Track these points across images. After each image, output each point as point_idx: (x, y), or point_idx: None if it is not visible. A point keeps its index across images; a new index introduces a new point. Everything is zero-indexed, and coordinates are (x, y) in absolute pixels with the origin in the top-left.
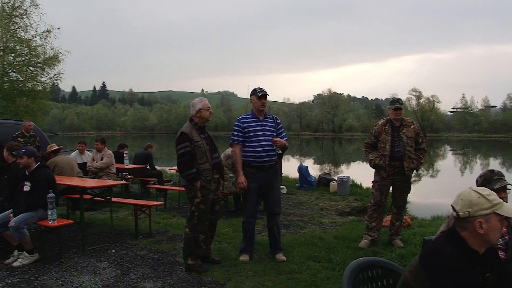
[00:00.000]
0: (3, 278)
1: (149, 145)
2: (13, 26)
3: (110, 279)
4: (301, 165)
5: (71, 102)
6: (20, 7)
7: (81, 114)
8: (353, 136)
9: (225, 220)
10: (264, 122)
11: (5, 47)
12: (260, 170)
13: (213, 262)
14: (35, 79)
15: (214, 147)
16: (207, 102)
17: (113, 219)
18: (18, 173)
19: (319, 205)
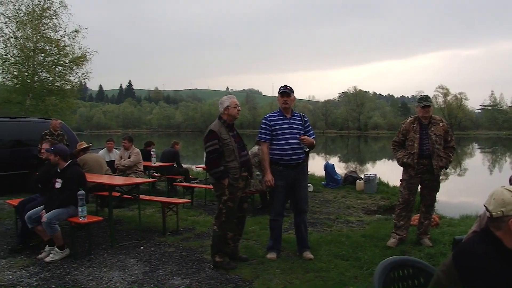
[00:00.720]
0: (37, 272)
1: (176, 142)
2: (43, 27)
3: (139, 276)
4: (328, 163)
5: (98, 100)
6: (49, 8)
7: (108, 113)
8: (378, 134)
9: (252, 218)
10: (291, 120)
11: (36, 47)
12: (287, 168)
13: (240, 260)
14: (64, 78)
15: (243, 145)
16: (235, 100)
17: (141, 216)
18: (51, 169)
19: (345, 203)
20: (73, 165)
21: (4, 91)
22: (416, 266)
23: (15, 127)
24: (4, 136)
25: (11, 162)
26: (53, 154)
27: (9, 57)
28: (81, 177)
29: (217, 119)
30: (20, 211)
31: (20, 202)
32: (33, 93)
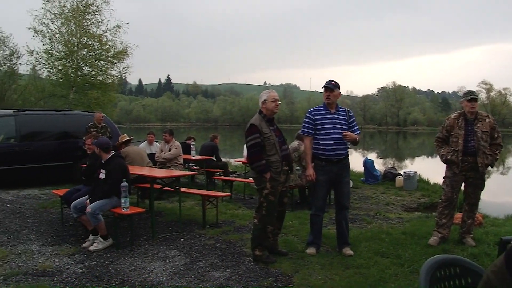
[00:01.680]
0: (81, 260)
1: (215, 136)
2: (86, 23)
3: (179, 267)
4: (367, 159)
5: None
6: (92, 4)
7: (147, 106)
8: (418, 130)
9: (291, 213)
10: (335, 115)
11: (79, 42)
12: (329, 163)
13: (280, 254)
14: (106, 72)
15: (283, 139)
16: (274, 94)
17: (181, 208)
18: (96, 161)
19: (384, 199)
20: (116, 157)
21: (50, 85)
22: (464, 266)
23: (60, 120)
24: (50, 128)
25: (57, 153)
26: (95, 146)
27: (54, 52)
28: (124, 168)
29: (257, 113)
30: (66, 201)
31: (65, 193)
32: (76, 87)
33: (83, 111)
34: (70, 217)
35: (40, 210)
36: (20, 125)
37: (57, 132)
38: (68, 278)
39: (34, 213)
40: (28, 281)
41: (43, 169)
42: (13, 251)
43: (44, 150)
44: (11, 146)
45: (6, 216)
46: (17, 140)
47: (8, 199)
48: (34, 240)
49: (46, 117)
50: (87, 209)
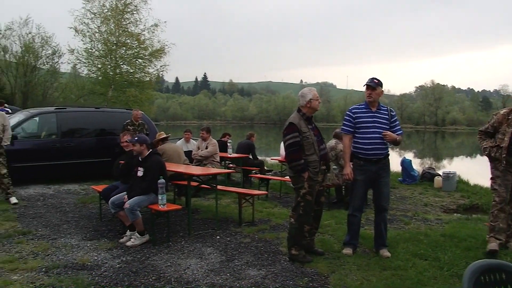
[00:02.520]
0: (119, 255)
1: (252, 134)
2: (125, 22)
3: (215, 264)
4: (405, 159)
5: (174, 92)
6: (131, 3)
7: (184, 104)
8: (457, 129)
9: (327, 212)
10: (376, 114)
11: (118, 41)
12: (367, 162)
13: (316, 254)
14: (143, 70)
15: (321, 138)
16: (316, 93)
17: (217, 206)
18: (133, 158)
19: (423, 200)
20: (154, 154)
21: (89, 83)
22: (510, 272)
23: (99, 117)
24: (90, 125)
25: (96, 150)
26: (139, 143)
27: (94, 51)
28: (161, 166)
29: (296, 112)
30: (104, 197)
31: (104, 189)
32: (115, 85)
33: (122, 109)
34: (108, 213)
35: (80, 205)
36: (61, 122)
37: (96, 129)
38: (106, 272)
39: (74, 208)
40: (68, 274)
41: (82, 165)
42: (54, 244)
43: (83, 146)
44: (53, 142)
45: (47, 210)
46: (58, 136)
47: (50, 194)
48: (74, 234)
49: (86, 114)
50: (125, 205)
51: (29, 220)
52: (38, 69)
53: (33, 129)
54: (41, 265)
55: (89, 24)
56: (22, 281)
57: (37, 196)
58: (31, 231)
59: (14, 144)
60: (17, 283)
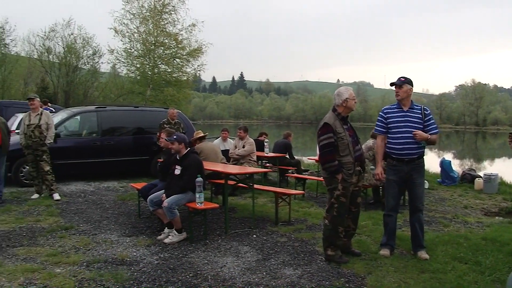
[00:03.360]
0: (157, 252)
1: (289, 134)
2: (163, 22)
3: (252, 263)
4: (444, 160)
5: (211, 91)
6: (169, 4)
7: (220, 103)
8: (499, 130)
9: (364, 212)
10: (408, 113)
11: (156, 41)
12: (400, 162)
13: (353, 254)
14: (181, 70)
15: (356, 139)
16: (353, 92)
17: (254, 205)
18: (171, 157)
19: (462, 202)
20: (191, 153)
21: (128, 82)
22: None
23: (138, 116)
24: (129, 124)
25: (135, 148)
26: (177, 142)
27: (133, 51)
28: (199, 164)
29: (331, 111)
30: (143, 195)
31: (143, 187)
32: (153, 84)
33: (160, 107)
34: (147, 210)
35: (119, 202)
36: (101, 121)
37: (135, 128)
38: (145, 268)
39: (113, 204)
40: (108, 268)
41: (121, 163)
42: (94, 240)
43: (122, 144)
44: (93, 140)
45: (88, 207)
46: (99, 134)
47: (90, 191)
48: (113, 230)
49: (125, 113)
50: (163, 203)
51: (71, 215)
52: (79, 69)
53: (75, 128)
54: (82, 259)
55: (128, 25)
56: (65, 274)
57: (78, 193)
58: (73, 226)
59: (57, 142)
60: (60, 276)
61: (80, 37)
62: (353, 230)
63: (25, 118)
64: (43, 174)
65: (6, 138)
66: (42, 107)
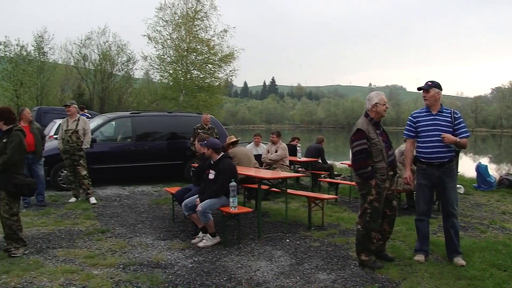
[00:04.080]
0: (191, 255)
1: (322, 139)
2: (195, 28)
3: (285, 267)
4: (480, 164)
5: (243, 96)
6: (201, 10)
7: (252, 108)
8: None
9: (398, 218)
10: (437, 117)
11: (189, 47)
12: (430, 166)
13: (386, 259)
14: (213, 75)
15: (389, 143)
16: (384, 97)
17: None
18: (205, 161)
19: (500, 208)
20: (225, 158)
21: (161, 88)
22: None
23: (171, 121)
24: (162, 129)
25: (168, 153)
26: (206, 147)
27: (166, 57)
28: (233, 169)
29: (363, 116)
30: (177, 199)
31: (177, 191)
32: (185, 90)
33: (193, 113)
34: (181, 214)
35: (153, 206)
36: (136, 126)
37: (169, 133)
38: (179, 271)
39: (148, 208)
40: (143, 271)
41: (155, 168)
42: (130, 243)
43: (157, 149)
44: (128, 145)
45: (123, 210)
46: (133, 140)
47: (125, 195)
48: (148, 233)
49: (159, 119)
50: (197, 208)
51: (107, 219)
52: (114, 75)
53: (110, 133)
54: (119, 261)
55: (161, 32)
56: (102, 276)
57: (114, 197)
58: (109, 229)
59: (93, 147)
60: (98, 278)
61: (115, 45)
62: (389, 233)
63: (63, 123)
64: (80, 178)
65: (40, 144)
66: (79, 113)
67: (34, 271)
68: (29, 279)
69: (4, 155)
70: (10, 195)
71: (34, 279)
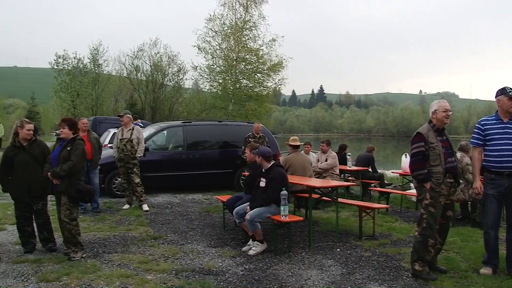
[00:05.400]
0: (242, 263)
1: (372, 147)
2: (244, 38)
3: (336, 277)
4: None
5: (291, 105)
6: (250, 20)
7: (300, 117)
8: None
9: (452, 228)
10: (508, 125)
11: (238, 57)
12: (499, 176)
13: (438, 271)
14: (262, 84)
15: (451, 151)
16: (445, 104)
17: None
18: (256, 170)
19: None
20: (276, 166)
21: (211, 98)
22: None
23: (222, 130)
24: (213, 138)
25: (219, 161)
26: (257, 155)
27: (215, 67)
28: (283, 178)
29: (427, 123)
30: (228, 207)
31: (228, 199)
32: (234, 99)
33: (242, 122)
34: (231, 222)
35: (204, 214)
36: (187, 135)
37: (219, 142)
38: (230, 278)
39: (199, 216)
40: (195, 277)
41: (206, 176)
42: (182, 249)
43: (207, 158)
44: (179, 154)
45: (175, 218)
46: (184, 148)
47: (176, 202)
48: (199, 241)
49: (209, 127)
50: (246, 216)
51: (159, 226)
52: (165, 85)
53: (162, 142)
54: (171, 267)
55: (210, 42)
56: (156, 281)
57: (165, 204)
58: (161, 236)
59: (146, 155)
60: (152, 282)
61: (166, 55)
62: (440, 244)
63: (118, 133)
64: (133, 186)
65: (97, 153)
66: (133, 122)
67: (91, 274)
68: (87, 281)
69: (69, 161)
70: (71, 201)
71: (92, 281)
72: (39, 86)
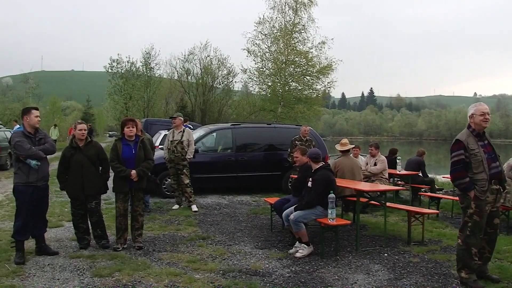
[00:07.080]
0: (288, 265)
1: (422, 151)
2: (293, 41)
3: (383, 282)
4: None
5: (341, 108)
6: (299, 23)
7: (350, 120)
8: None
9: (506, 237)
10: None
11: (287, 60)
12: None
13: (490, 280)
14: (311, 87)
15: (494, 155)
16: (483, 107)
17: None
18: (305, 173)
19: None
20: (323, 169)
21: (260, 100)
22: None
23: (270, 133)
24: (262, 140)
25: (267, 164)
26: (309, 156)
27: (265, 70)
28: (329, 180)
29: (466, 128)
30: (276, 209)
31: (276, 202)
32: (283, 102)
33: (291, 125)
34: (278, 224)
35: (252, 215)
36: (236, 137)
37: (268, 144)
38: (276, 280)
39: (246, 217)
40: (242, 278)
41: (254, 178)
42: (229, 250)
43: (256, 160)
44: (228, 156)
45: (223, 219)
46: (233, 150)
47: (224, 204)
48: (247, 242)
49: (258, 130)
50: (290, 216)
51: (207, 226)
52: (214, 88)
53: (211, 144)
54: (219, 267)
55: (260, 45)
56: (204, 280)
57: (214, 205)
58: (209, 236)
59: (195, 157)
60: (199, 281)
61: (216, 59)
62: (489, 253)
63: (169, 134)
64: (183, 187)
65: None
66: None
67: (142, 271)
68: (138, 278)
69: (150, 161)
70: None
71: (142, 278)
72: (94, 89)
